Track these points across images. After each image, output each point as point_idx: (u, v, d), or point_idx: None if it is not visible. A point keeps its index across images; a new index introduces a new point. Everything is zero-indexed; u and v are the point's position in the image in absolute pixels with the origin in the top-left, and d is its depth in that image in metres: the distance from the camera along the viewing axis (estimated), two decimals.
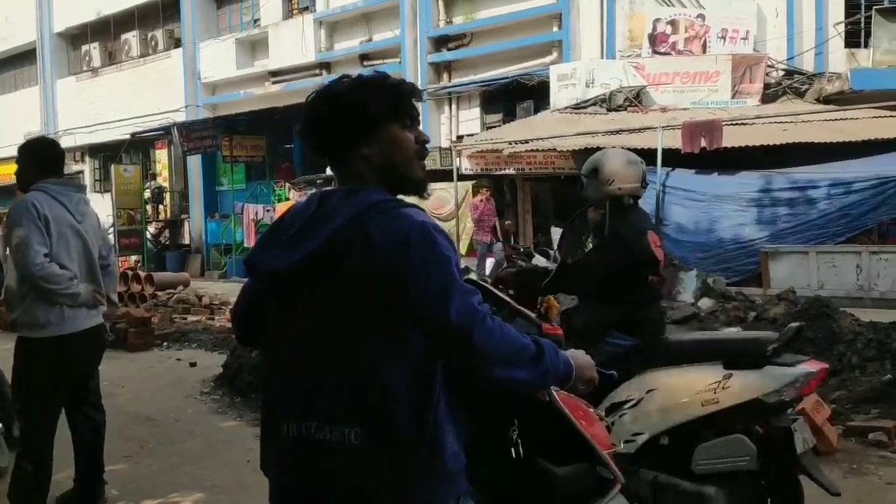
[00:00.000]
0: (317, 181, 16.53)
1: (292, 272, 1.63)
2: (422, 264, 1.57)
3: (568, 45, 15.46)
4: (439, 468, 1.62)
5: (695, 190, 11.46)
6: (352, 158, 1.69)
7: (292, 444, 1.65)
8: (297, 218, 1.68)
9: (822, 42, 14.27)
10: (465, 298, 1.58)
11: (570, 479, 1.92)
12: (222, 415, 5.99)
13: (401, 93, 1.74)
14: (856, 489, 4.10)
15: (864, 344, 6.60)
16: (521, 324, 1.96)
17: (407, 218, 1.61)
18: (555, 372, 1.69)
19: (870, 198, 10.31)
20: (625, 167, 3.51)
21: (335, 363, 1.61)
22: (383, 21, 18.57)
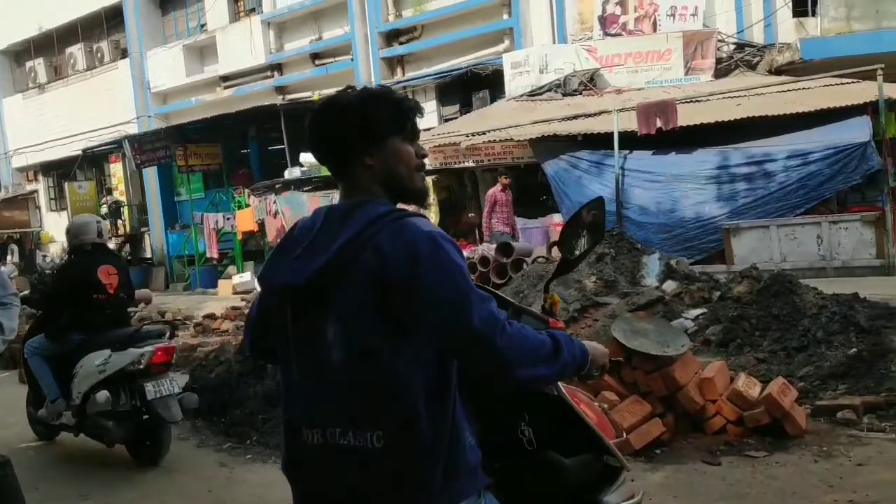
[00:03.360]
0: (275, 185, 16.28)
1: (306, 285, 1.68)
2: (434, 274, 1.60)
3: (519, 32, 15.37)
4: (460, 464, 1.67)
5: (653, 171, 11.45)
6: (356, 168, 1.75)
7: (316, 450, 1.70)
8: (306, 232, 1.74)
9: (771, 13, 14.31)
10: (484, 305, 1.63)
11: (580, 469, 1.96)
12: (184, 440, 5.80)
13: (405, 108, 1.79)
14: (826, 473, 4.06)
15: (829, 317, 6.60)
16: (528, 321, 1.98)
17: (414, 228, 1.65)
18: (572, 362, 1.74)
19: (826, 167, 10.35)
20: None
21: (353, 369, 1.66)
22: (332, 18, 18.32)
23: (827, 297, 6.95)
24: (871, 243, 10.01)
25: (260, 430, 5.45)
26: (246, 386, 5.88)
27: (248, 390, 5.83)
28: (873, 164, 10.18)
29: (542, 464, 1.93)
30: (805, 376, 5.85)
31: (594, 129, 12.01)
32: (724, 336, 7.08)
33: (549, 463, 1.94)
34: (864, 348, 5.79)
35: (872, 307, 6.61)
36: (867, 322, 6.29)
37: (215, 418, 5.90)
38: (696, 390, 4.69)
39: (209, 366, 6.46)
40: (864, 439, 4.50)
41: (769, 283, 7.35)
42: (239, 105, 18.26)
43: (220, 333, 10.99)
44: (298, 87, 19.11)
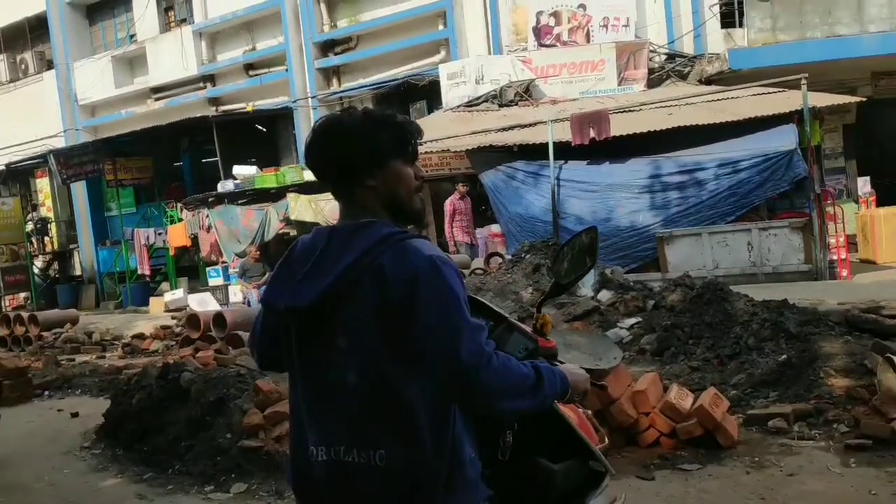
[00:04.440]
0: (208, 199, 15.88)
1: (309, 308, 1.71)
2: (431, 301, 1.64)
3: (455, 43, 15.35)
4: (461, 478, 1.71)
5: (588, 181, 11.50)
6: (358, 189, 1.78)
7: (322, 467, 1.74)
8: (307, 253, 1.77)
9: (700, 24, 14.60)
10: (473, 337, 1.66)
11: (567, 474, 2.00)
12: (103, 472, 5.51)
13: (408, 131, 1.82)
14: (757, 485, 4.05)
15: (760, 324, 6.69)
16: (519, 338, 2.03)
17: (416, 251, 1.68)
18: (553, 393, 1.79)
19: (755, 175, 10.54)
20: None
21: (357, 389, 1.70)
22: (266, 28, 18.02)
23: (757, 303, 7.04)
24: (799, 249, 10.23)
25: (182, 459, 5.20)
26: (168, 411, 5.62)
27: (171, 416, 5.57)
28: (800, 172, 10.41)
29: (531, 470, 1.98)
30: (738, 384, 5.89)
31: (530, 139, 12.02)
32: (659, 345, 7.11)
33: (537, 469, 1.98)
34: (794, 355, 5.86)
35: (801, 313, 6.71)
36: (796, 328, 6.38)
37: (136, 446, 5.62)
38: (629, 403, 4.65)
39: (130, 391, 6.16)
40: (794, 448, 4.51)
41: (701, 292, 7.43)
42: (171, 117, 17.80)
43: (150, 354, 10.60)
44: (232, 99, 18.74)
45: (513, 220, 12.16)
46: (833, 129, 14.79)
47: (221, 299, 14.50)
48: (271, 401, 5.05)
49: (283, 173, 14.85)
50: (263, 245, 14.52)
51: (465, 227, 12.59)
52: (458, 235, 12.59)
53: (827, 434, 4.61)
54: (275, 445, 4.81)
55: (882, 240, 12.84)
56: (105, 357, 11.10)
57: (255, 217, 14.62)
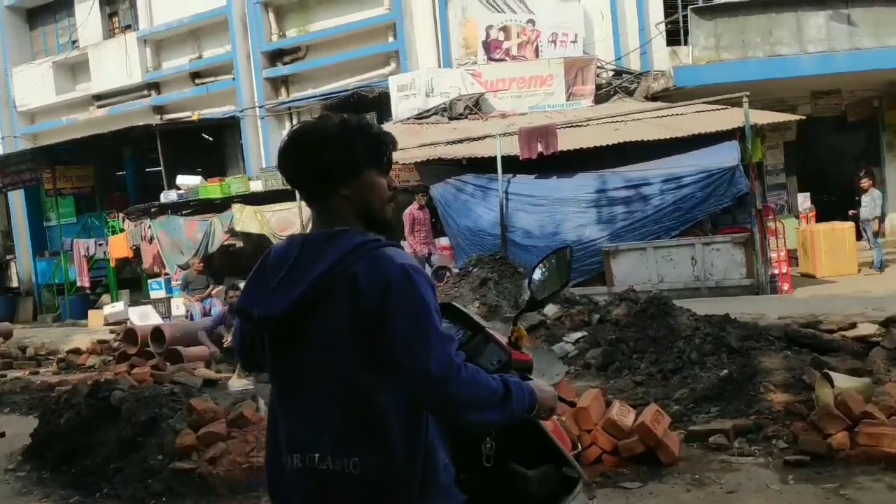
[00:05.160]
0: (151, 209, 15.50)
1: (283, 315, 1.71)
2: (402, 310, 1.65)
3: (405, 55, 15.31)
4: (434, 483, 1.73)
5: (536, 195, 11.53)
6: (332, 197, 1.79)
7: (296, 475, 1.75)
8: (281, 261, 1.77)
9: (646, 42, 14.85)
10: (443, 347, 1.68)
11: (541, 480, 2.03)
12: (27, 495, 5.25)
13: (383, 141, 1.83)
14: (698, 503, 4.03)
15: (702, 339, 6.73)
16: (494, 350, 2.04)
17: (389, 260, 1.69)
18: (520, 408, 1.78)
19: (699, 191, 10.70)
20: None
21: (331, 396, 1.71)
22: (213, 36, 17.76)
23: (700, 318, 7.10)
24: (741, 263, 10.40)
25: (112, 481, 4.98)
26: (98, 431, 5.40)
27: (101, 436, 5.35)
28: (742, 188, 10.59)
29: (506, 475, 1.99)
30: (680, 399, 5.90)
31: (479, 153, 12.03)
32: (604, 359, 7.12)
33: (512, 475, 2.00)
34: (735, 370, 5.91)
35: (742, 328, 6.78)
36: (737, 343, 6.44)
37: (63, 468, 5.38)
38: (571, 420, 4.61)
39: (60, 409, 5.90)
40: (734, 465, 4.52)
41: (645, 306, 7.47)
42: (114, 125, 17.37)
43: (86, 370, 10.24)
44: (177, 107, 18.39)
45: (461, 233, 12.13)
46: (774, 146, 15.17)
47: (164, 312, 14.15)
48: (205, 420, 4.88)
49: (228, 184, 14.59)
50: (207, 257, 14.22)
51: (424, 237, 12.53)
52: (417, 246, 12.51)
53: (766, 450, 4.63)
54: (208, 467, 4.64)
55: (821, 254, 13.16)
56: (39, 373, 10.69)
57: (198, 228, 14.31)
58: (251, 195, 14.11)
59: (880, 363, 5.85)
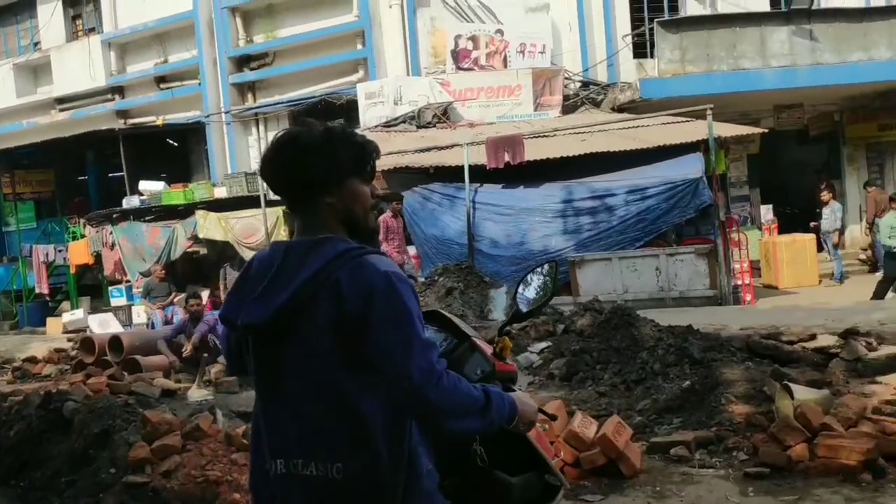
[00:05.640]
0: (113, 215, 15.23)
1: (267, 323, 1.73)
2: (385, 316, 1.67)
3: (373, 63, 15.26)
4: (418, 489, 1.74)
5: (503, 204, 11.54)
6: (316, 205, 1.80)
7: (280, 480, 1.76)
8: (264, 268, 1.78)
9: (613, 54, 14.99)
10: (425, 354, 1.69)
11: (524, 487, 2.04)
12: None
13: (366, 150, 1.85)
14: None
15: (665, 350, 6.75)
16: (479, 359, 2.07)
17: (373, 267, 1.70)
18: (500, 419, 1.80)
19: (663, 202, 10.78)
20: None
21: (314, 402, 1.72)
22: (179, 41, 17.53)
23: (663, 329, 7.12)
24: (704, 274, 10.49)
25: (62, 495, 4.82)
26: (49, 444, 5.23)
27: (51, 449, 5.18)
28: (705, 199, 10.69)
29: (489, 482, 2.00)
30: (643, 410, 5.90)
31: (446, 161, 12.00)
32: (568, 370, 7.10)
33: (496, 481, 2.01)
34: (697, 381, 5.92)
35: (705, 339, 6.82)
36: (700, 354, 6.47)
37: (12, 482, 5.20)
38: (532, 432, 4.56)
39: (10, 421, 5.72)
40: (695, 477, 4.51)
41: (609, 317, 7.48)
42: (76, 129, 17.10)
43: (41, 379, 9.97)
44: (142, 112, 18.11)
45: (428, 241, 12.08)
46: (738, 159, 15.39)
47: (124, 320, 13.88)
48: (160, 433, 4.76)
49: (191, 190, 14.40)
50: (170, 264, 14.00)
51: (398, 245, 12.46)
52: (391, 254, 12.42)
53: (727, 462, 4.63)
54: (162, 481, 4.51)
55: (783, 265, 13.36)
56: None
57: (161, 235, 14.09)
58: (215, 202, 13.93)
59: (839, 374, 5.92)
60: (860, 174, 16.14)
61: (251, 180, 13.56)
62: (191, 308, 8.88)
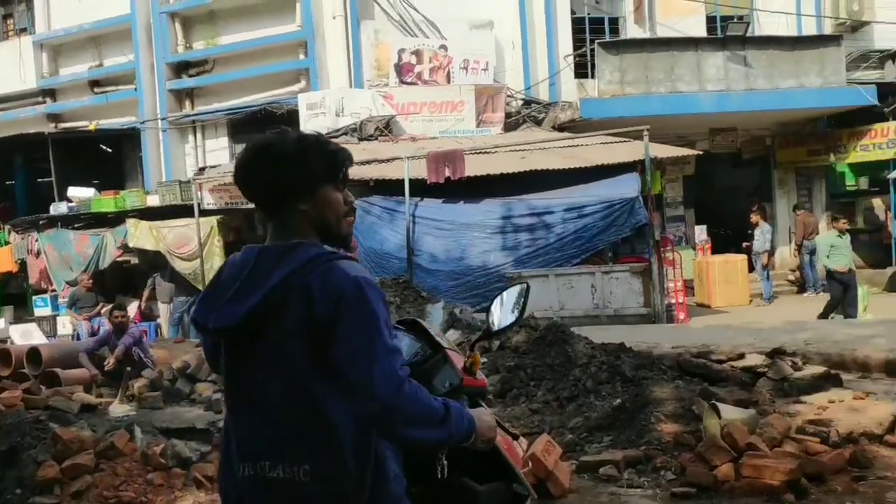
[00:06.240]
0: (39, 222, 14.67)
1: (237, 326, 1.75)
2: (352, 321, 1.69)
3: (315, 74, 15.10)
4: (385, 493, 1.77)
5: (443, 219, 11.52)
6: (289, 212, 1.82)
7: (247, 482, 1.78)
8: (236, 272, 1.80)
9: (555, 73, 15.17)
10: (389, 360, 1.71)
11: (491, 496, 2.06)
12: None
13: (339, 158, 1.88)
14: None
15: (598, 367, 6.76)
16: (449, 372, 2.09)
17: (343, 272, 1.73)
18: (458, 433, 1.81)
19: (600, 220, 10.91)
20: None
21: (283, 406, 1.74)
22: (115, 44, 17.05)
23: (596, 346, 7.14)
24: (639, 293, 10.62)
25: None
26: None
27: None
28: (641, 218, 10.85)
29: (457, 490, 2.02)
30: (574, 427, 5.89)
31: (387, 175, 11.93)
32: (502, 386, 7.05)
33: (463, 489, 2.03)
34: (628, 399, 5.93)
35: (637, 356, 6.86)
36: (631, 372, 6.50)
37: None
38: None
39: None
40: (623, 497, 4.49)
41: (544, 333, 7.48)
42: (3, 131, 16.52)
43: None
44: (74, 116, 17.55)
45: (367, 255, 11.95)
46: (674, 180, 15.70)
47: (49, 331, 13.35)
48: (71, 451, 4.52)
49: (123, 197, 13.98)
50: (98, 273, 13.54)
51: None
52: None
53: (655, 481, 4.63)
54: (72, 502, 4.29)
55: (716, 285, 13.66)
56: None
57: (89, 243, 13.62)
58: (147, 210, 13.54)
59: (766, 394, 6.01)
60: (790, 197, 16.64)
61: (185, 189, 13.22)
62: (115, 320, 8.55)
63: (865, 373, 7.27)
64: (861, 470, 4.39)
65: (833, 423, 5.01)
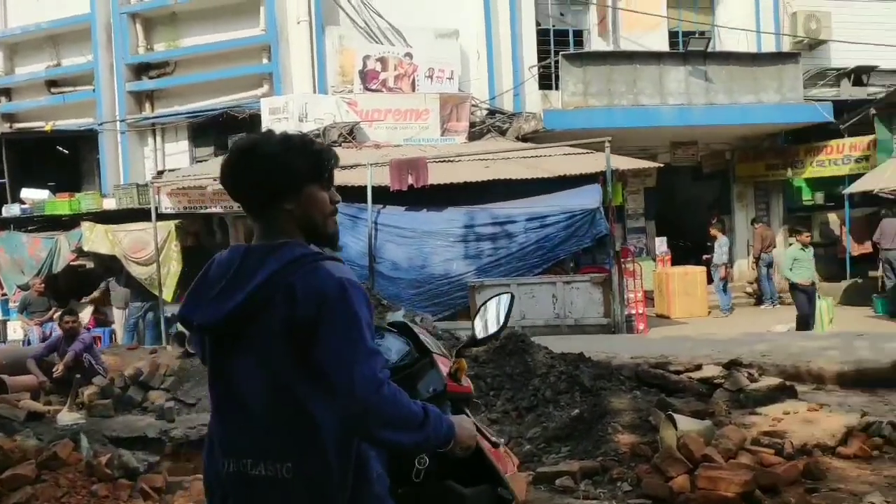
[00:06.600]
0: None
1: (222, 324, 1.77)
2: (334, 321, 1.70)
3: (279, 78, 14.95)
4: (367, 492, 1.79)
5: (405, 227, 11.45)
6: (275, 212, 1.84)
7: (231, 479, 1.79)
8: (223, 270, 1.82)
9: (519, 84, 15.23)
10: (369, 361, 1.71)
11: (476, 499, 2.07)
12: None
13: (324, 158, 1.89)
14: None
15: (557, 377, 6.76)
16: (434, 377, 2.11)
17: (327, 273, 1.74)
18: (435, 438, 1.81)
19: (561, 231, 10.95)
20: None
21: (266, 404, 1.76)
22: (74, 44, 16.70)
23: (556, 356, 7.13)
24: (599, 303, 10.67)
25: None
26: None
27: None
28: (602, 229, 10.92)
29: (443, 492, 2.03)
30: (533, 438, 5.86)
31: (350, 181, 11.80)
32: None
33: (448, 492, 2.03)
34: (586, 409, 5.93)
35: (595, 366, 6.87)
36: (590, 382, 6.50)
37: None
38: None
39: None
40: None
41: (505, 343, 7.44)
42: None
43: None
44: (30, 116, 17.17)
45: None
46: (636, 192, 15.85)
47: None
48: (12, 461, 4.36)
49: (78, 199, 13.67)
50: (51, 277, 13.20)
51: None
52: None
53: (611, 493, 4.61)
54: None
55: (675, 296, 13.80)
56: None
57: (42, 246, 13.29)
58: (103, 213, 13.26)
59: (722, 405, 6.04)
60: (748, 211, 16.91)
61: (143, 192, 12.97)
62: (65, 325, 8.32)
63: (820, 384, 7.37)
64: (814, 482, 4.42)
65: (787, 435, 5.06)
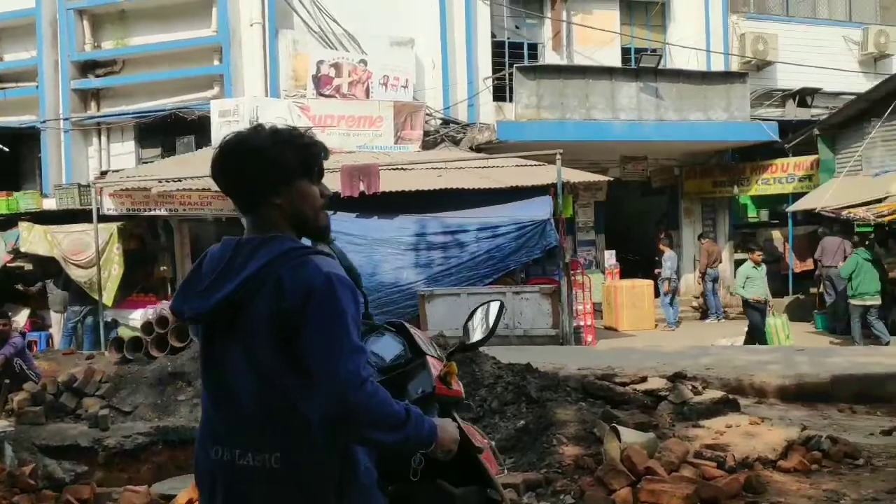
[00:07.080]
0: None
1: (210, 314, 1.80)
2: (319, 316, 1.71)
3: (230, 81, 14.70)
4: (353, 483, 1.82)
5: (356, 233, 11.33)
6: (265, 206, 1.85)
7: (220, 467, 1.82)
8: (215, 263, 1.84)
9: (474, 94, 15.27)
10: (352, 358, 1.72)
11: (466, 499, 2.08)
12: None
13: (314, 152, 1.90)
14: None
15: (504, 387, 6.72)
16: (425, 379, 2.13)
17: (315, 267, 1.75)
18: (416, 439, 1.81)
19: (512, 241, 10.97)
20: None
21: (254, 394, 1.78)
22: (16, 39, 16.19)
23: (503, 366, 7.09)
24: (548, 314, 10.69)
25: None
26: None
27: None
28: (552, 241, 10.97)
29: (433, 491, 2.05)
30: None
31: None
32: None
33: (438, 491, 2.05)
34: (532, 420, 5.90)
35: (542, 377, 6.85)
36: (536, 393, 6.47)
37: None
38: None
39: None
40: None
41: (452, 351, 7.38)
42: None
43: None
44: None
45: None
46: (587, 205, 16.00)
47: None
48: None
49: (16, 199, 13.21)
50: None
51: None
52: None
53: None
54: None
55: (623, 309, 13.93)
56: None
57: None
58: (43, 213, 12.84)
59: (666, 417, 6.07)
60: (695, 226, 17.20)
61: (85, 192, 12.58)
62: None
63: (762, 398, 7.48)
64: (755, 495, 4.44)
65: (730, 448, 5.08)
